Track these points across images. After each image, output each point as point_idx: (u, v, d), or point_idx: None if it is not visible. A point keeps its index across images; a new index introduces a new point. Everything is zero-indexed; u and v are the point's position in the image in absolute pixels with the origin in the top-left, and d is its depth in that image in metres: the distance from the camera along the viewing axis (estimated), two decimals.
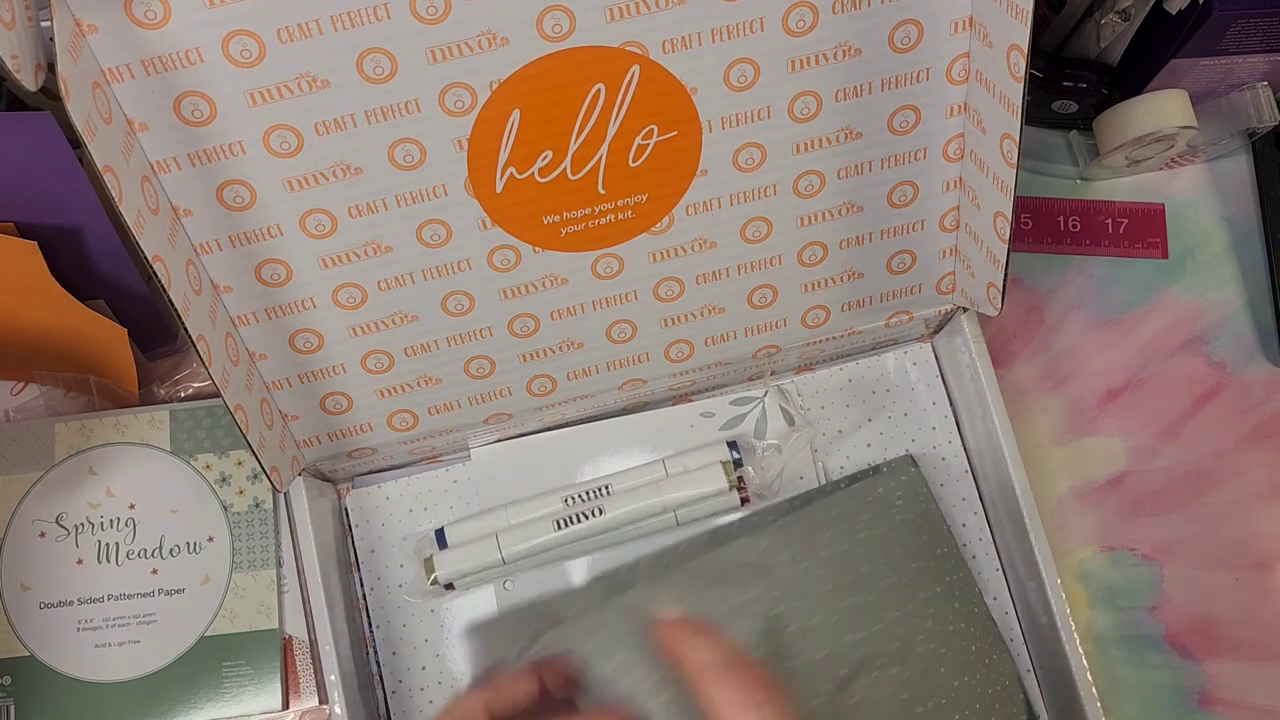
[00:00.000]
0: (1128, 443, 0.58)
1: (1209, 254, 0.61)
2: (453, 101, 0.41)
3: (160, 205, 0.41)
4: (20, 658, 0.51)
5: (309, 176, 0.42)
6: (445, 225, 0.45)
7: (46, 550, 0.52)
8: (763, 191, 0.47)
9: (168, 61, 0.38)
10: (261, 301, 0.45)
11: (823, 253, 0.50)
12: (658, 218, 0.47)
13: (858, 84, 0.44)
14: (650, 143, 0.44)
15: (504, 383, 0.51)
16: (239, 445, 0.54)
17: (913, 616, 0.47)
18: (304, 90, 0.40)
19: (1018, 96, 0.40)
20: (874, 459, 0.54)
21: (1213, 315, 0.60)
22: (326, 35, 0.39)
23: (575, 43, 0.41)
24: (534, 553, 0.51)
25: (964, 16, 0.43)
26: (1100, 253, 0.61)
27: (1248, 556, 0.56)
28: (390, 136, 0.42)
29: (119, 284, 0.51)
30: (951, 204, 0.49)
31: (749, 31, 0.42)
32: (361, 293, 0.46)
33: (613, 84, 0.42)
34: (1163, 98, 0.56)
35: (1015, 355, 0.60)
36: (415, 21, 0.39)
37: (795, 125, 0.45)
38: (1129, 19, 0.56)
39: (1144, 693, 0.54)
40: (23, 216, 0.47)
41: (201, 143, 0.41)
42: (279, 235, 0.44)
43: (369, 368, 0.49)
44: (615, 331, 0.50)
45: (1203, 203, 0.62)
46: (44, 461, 0.53)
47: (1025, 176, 0.62)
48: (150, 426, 0.54)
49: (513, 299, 0.48)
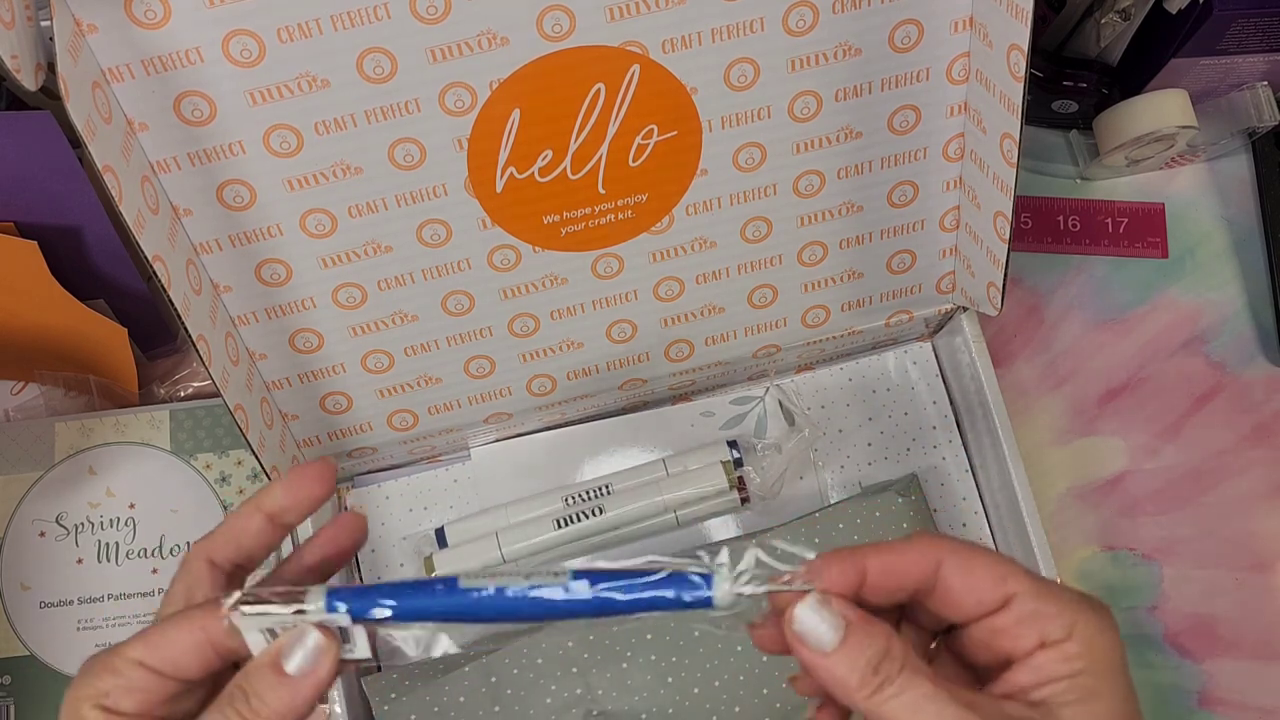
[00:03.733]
0: (1128, 442, 0.58)
1: (1209, 254, 0.61)
2: (453, 101, 0.41)
3: (160, 205, 0.41)
4: (20, 657, 0.51)
5: (309, 176, 0.42)
6: (445, 225, 0.45)
7: (46, 550, 0.52)
8: (763, 191, 0.47)
9: (168, 61, 0.38)
10: (261, 301, 0.45)
11: (823, 252, 0.50)
12: (658, 217, 0.47)
13: (858, 84, 0.44)
14: (650, 142, 0.44)
15: (504, 382, 0.51)
16: (239, 445, 0.54)
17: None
18: (304, 90, 0.40)
19: (1018, 96, 0.40)
20: (874, 458, 0.54)
21: (1213, 315, 0.60)
22: (326, 35, 0.39)
23: (575, 42, 0.40)
24: (534, 552, 0.51)
25: (964, 16, 0.43)
26: (1100, 252, 0.61)
27: (1248, 556, 0.56)
28: (390, 136, 0.42)
29: (119, 284, 0.51)
30: (951, 204, 0.49)
31: (749, 31, 0.42)
32: (361, 292, 0.46)
33: (613, 84, 0.42)
34: (1163, 97, 0.56)
35: (1015, 355, 0.60)
36: (415, 21, 0.39)
37: (795, 125, 0.45)
38: (1129, 18, 0.56)
39: (1144, 693, 0.54)
40: (23, 216, 0.47)
41: (201, 142, 0.41)
42: (279, 235, 0.44)
43: (369, 367, 0.49)
44: (615, 331, 0.50)
45: (1203, 202, 0.62)
46: (44, 461, 0.53)
47: (1025, 176, 0.62)
48: (150, 426, 0.54)
49: (513, 299, 0.48)
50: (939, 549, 0.30)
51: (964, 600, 0.30)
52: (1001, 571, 0.29)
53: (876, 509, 0.50)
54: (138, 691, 0.29)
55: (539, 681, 0.47)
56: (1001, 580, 0.29)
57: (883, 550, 0.30)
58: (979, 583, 0.29)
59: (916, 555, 0.30)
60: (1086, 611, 0.29)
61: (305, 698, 0.30)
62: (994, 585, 0.29)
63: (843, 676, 0.28)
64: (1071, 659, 0.28)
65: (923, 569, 0.30)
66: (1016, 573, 0.29)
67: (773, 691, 0.47)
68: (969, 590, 0.29)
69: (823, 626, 0.29)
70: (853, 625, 0.29)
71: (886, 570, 0.30)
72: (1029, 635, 0.29)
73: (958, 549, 0.30)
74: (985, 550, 0.30)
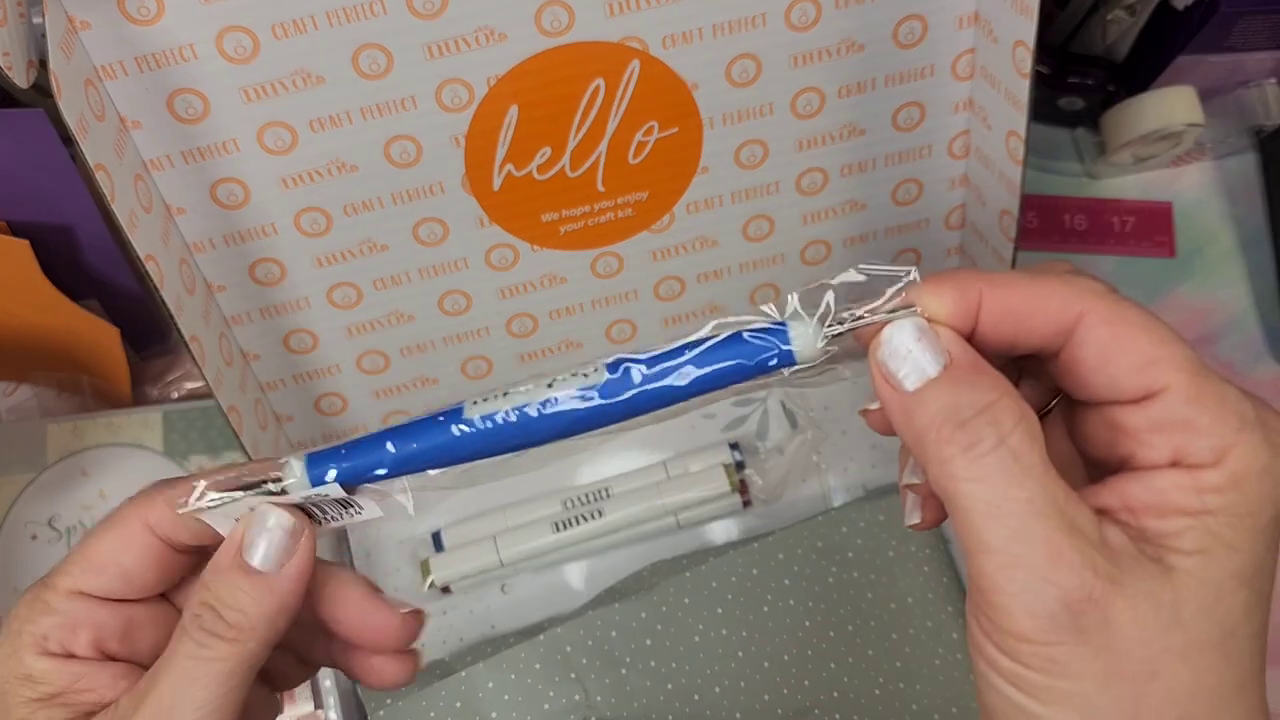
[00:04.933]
0: None
1: (1216, 252, 0.61)
2: (450, 98, 0.41)
3: (153, 204, 0.40)
4: None
5: (303, 174, 0.42)
6: (442, 223, 0.44)
7: (39, 553, 0.52)
8: (765, 189, 0.46)
9: (161, 58, 0.38)
10: (255, 301, 0.45)
11: (826, 251, 0.49)
12: (658, 215, 0.46)
13: (861, 80, 0.44)
14: (650, 139, 0.43)
15: (502, 383, 0.50)
16: (232, 446, 0.53)
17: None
18: (298, 86, 0.39)
19: (1023, 93, 0.40)
20: (879, 460, 0.54)
21: (1220, 314, 0.60)
22: (321, 31, 0.38)
23: (574, 38, 0.40)
24: (532, 555, 0.50)
25: (969, 11, 0.42)
26: (1107, 251, 0.61)
27: None
28: (386, 133, 0.41)
29: (112, 283, 0.51)
30: (957, 201, 0.49)
31: (750, 26, 0.41)
32: (357, 292, 0.46)
33: (612, 80, 0.41)
34: (1170, 94, 0.56)
35: None
36: (411, 17, 0.38)
37: (798, 122, 0.44)
38: (1135, 15, 0.55)
39: None
40: (14, 215, 0.47)
41: (195, 140, 0.40)
42: (273, 234, 0.43)
43: (364, 368, 0.48)
44: (615, 331, 0.50)
45: (1210, 201, 0.62)
46: (36, 463, 0.52)
47: (1030, 174, 0.61)
48: (143, 427, 0.53)
49: (511, 298, 0.47)
50: (1083, 298, 0.22)
51: (1094, 378, 0.22)
52: (1154, 355, 0.22)
53: (881, 513, 0.50)
54: (83, 627, 0.24)
55: (537, 687, 0.46)
56: (1150, 365, 0.22)
57: (1010, 284, 0.23)
58: (1122, 361, 0.22)
59: (1054, 301, 0.22)
60: (1253, 438, 0.22)
61: (288, 592, 0.24)
62: (1139, 370, 0.22)
63: (923, 423, 0.22)
64: (1206, 492, 0.21)
65: (1056, 322, 0.22)
66: (1175, 359, 0.22)
67: (774, 697, 0.47)
68: (1104, 367, 0.22)
69: (919, 353, 0.23)
70: (956, 362, 0.22)
71: (1009, 312, 0.23)
72: (1162, 446, 0.22)
73: (1108, 305, 0.22)
74: (1142, 316, 0.22)
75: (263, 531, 0.24)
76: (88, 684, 0.24)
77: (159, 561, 0.25)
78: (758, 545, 0.49)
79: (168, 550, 0.25)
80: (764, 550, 0.49)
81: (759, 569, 0.49)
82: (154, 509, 0.25)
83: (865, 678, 0.47)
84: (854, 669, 0.47)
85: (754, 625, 0.48)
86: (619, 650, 0.47)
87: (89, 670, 0.24)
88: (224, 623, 0.24)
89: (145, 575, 0.25)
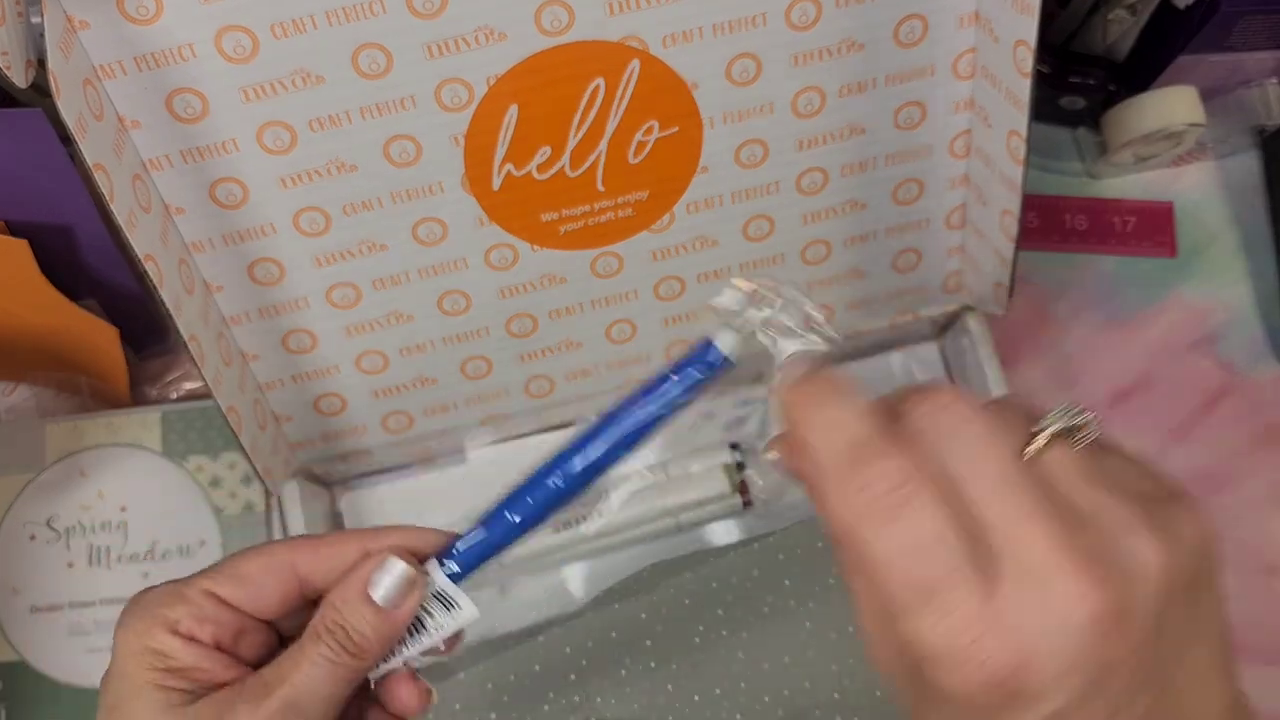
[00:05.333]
0: (1136, 444, 0.57)
1: (1218, 252, 0.61)
2: (449, 97, 0.40)
3: (152, 203, 0.40)
4: (11, 662, 0.50)
5: (302, 174, 0.42)
6: (441, 223, 0.44)
7: (37, 553, 0.52)
8: (765, 189, 0.46)
9: (160, 58, 0.38)
10: (254, 301, 0.45)
11: (826, 251, 0.49)
12: (658, 215, 0.46)
13: (862, 79, 0.43)
14: (650, 139, 0.43)
15: (501, 383, 0.50)
16: (231, 447, 0.53)
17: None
18: (297, 86, 0.39)
19: (1024, 93, 0.40)
20: None
21: (1222, 315, 0.59)
22: (320, 30, 0.38)
23: (574, 37, 0.40)
24: (531, 557, 0.50)
25: (970, 11, 0.42)
26: (1107, 251, 0.61)
27: (1258, 559, 0.55)
28: (385, 133, 0.41)
29: (111, 283, 0.51)
30: (957, 201, 0.49)
31: (751, 26, 0.41)
32: (356, 292, 0.46)
33: (612, 79, 0.41)
34: (1171, 94, 0.56)
35: (1022, 355, 0.59)
36: (411, 16, 0.38)
37: (798, 121, 0.44)
38: (1136, 14, 0.55)
39: None
40: (13, 215, 0.47)
41: (194, 140, 0.40)
42: (272, 233, 0.43)
43: (363, 368, 0.48)
44: (615, 331, 0.50)
45: (1211, 201, 0.62)
46: (35, 463, 0.52)
47: (1031, 174, 0.61)
48: (142, 427, 0.53)
49: (510, 298, 0.47)
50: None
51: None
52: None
53: None
54: (209, 622, 0.29)
55: (536, 689, 0.46)
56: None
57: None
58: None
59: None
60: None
61: (400, 624, 0.30)
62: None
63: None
64: None
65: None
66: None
67: (774, 698, 0.47)
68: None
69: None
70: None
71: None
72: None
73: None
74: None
75: (386, 575, 0.30)
76: (207, 666, 0.29)
77: (286, 593, 0.30)
78: (758, 546, 0.49)
79: (297, 588, 0.30)
80: (764, 551, 0.49)
81: (759, 570, 0.49)
82: (302, 553, 0.30)
83: (865, 678, 0.47)
84: (854, 670, 0.47)
85: (754, 626, 0.48)
86: (619, 651, 0.47)
87: (208, 655, 0.29)
88: (351, 641, 0.29)
89: (271, 598, 0.30)
